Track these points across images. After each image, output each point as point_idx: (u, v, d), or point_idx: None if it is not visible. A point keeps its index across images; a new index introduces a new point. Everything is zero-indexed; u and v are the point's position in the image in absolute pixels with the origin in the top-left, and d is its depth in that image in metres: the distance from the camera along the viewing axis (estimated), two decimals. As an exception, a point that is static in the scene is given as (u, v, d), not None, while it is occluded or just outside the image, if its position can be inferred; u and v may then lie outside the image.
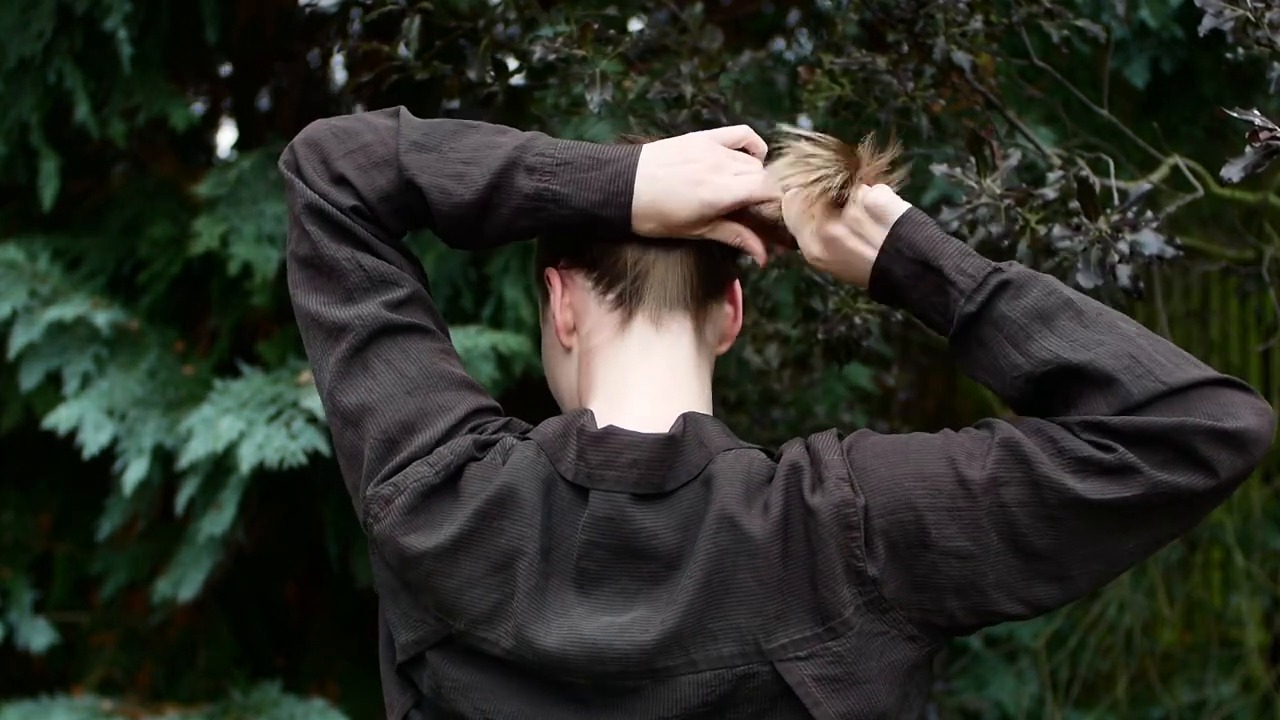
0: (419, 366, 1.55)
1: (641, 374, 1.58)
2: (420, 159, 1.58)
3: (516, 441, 1.53)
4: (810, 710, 1.45)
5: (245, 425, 3.19)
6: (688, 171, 1.58)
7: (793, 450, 1.52)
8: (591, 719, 1.48)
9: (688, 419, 1.53)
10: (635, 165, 1.57)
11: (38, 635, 3.73)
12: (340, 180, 1.57)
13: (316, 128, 1.60)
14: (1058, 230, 1.84)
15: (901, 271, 1.52)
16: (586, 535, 1.49)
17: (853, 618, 1.46)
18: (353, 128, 1.59)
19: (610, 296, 1.60)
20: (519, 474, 1.50)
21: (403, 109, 1.63)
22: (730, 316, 1.67)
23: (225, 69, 4.40)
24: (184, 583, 3.42)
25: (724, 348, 1.68)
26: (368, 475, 1.54)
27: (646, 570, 1.48)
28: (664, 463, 1.50)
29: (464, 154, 1.58)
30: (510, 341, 3.30)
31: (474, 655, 1.50)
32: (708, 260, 1.61)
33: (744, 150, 1.63)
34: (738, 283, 1.68)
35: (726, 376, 3.39)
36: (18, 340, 3.42)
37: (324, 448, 3.19)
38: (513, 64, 2.30)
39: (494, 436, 1.54)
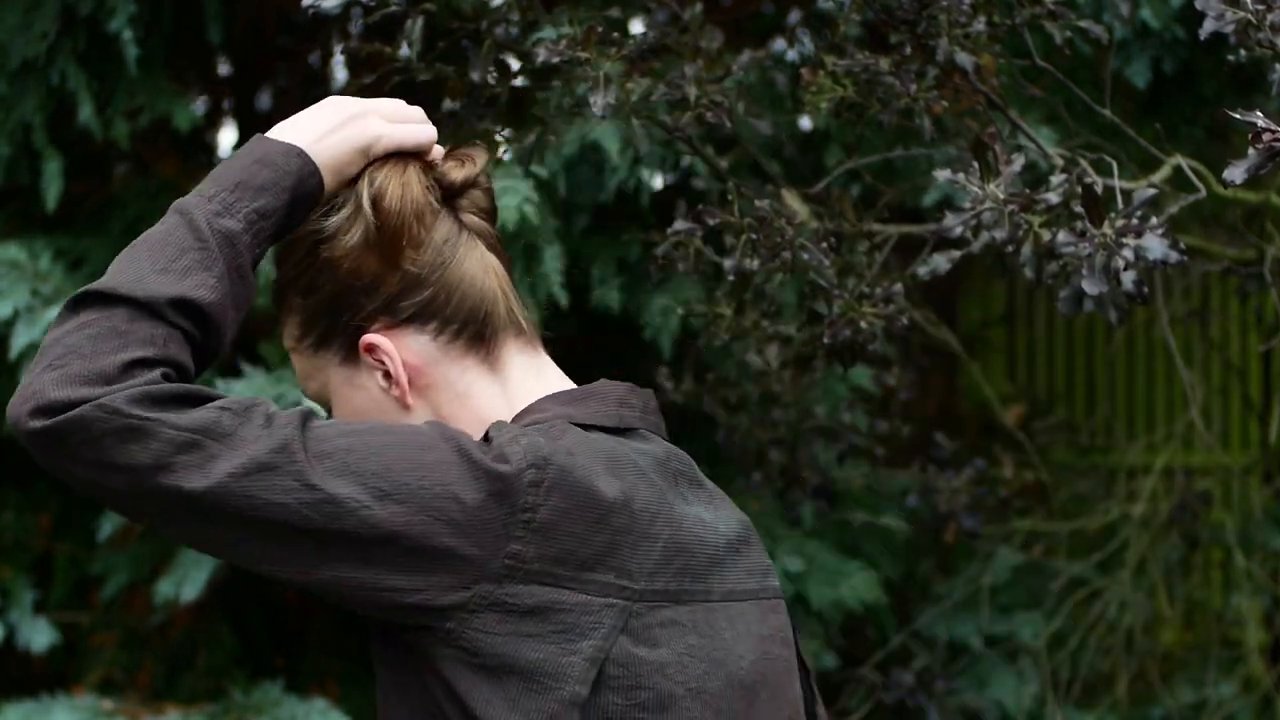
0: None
1: (551, 386, 1.57)
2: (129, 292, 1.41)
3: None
4: None
5: (247, 426, 3.19)
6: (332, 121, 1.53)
7: None
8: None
9: None
10: (282, 138, 1.51)
11: (38, 635, 3.73)
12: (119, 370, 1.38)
13: (41, 379, 1.40)
14: (1062, 235, 1.84)
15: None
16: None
17: None
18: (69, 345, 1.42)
19: (460, 342, 1.54)
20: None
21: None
22: None
23: (226, 69, 4.40)
24: (186, 583, 3.43)
25: None
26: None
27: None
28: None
29: (161, 263, 1.43)
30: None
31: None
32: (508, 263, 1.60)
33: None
34: None
35: (727, 377, 3.39)
36: (19, 340, 3.42)
37: (325, 448, 3.19)
38: (515, 65, 2.30)
39: None
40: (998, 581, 4.13)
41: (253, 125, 4.35)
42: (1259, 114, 1.72)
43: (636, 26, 2.59)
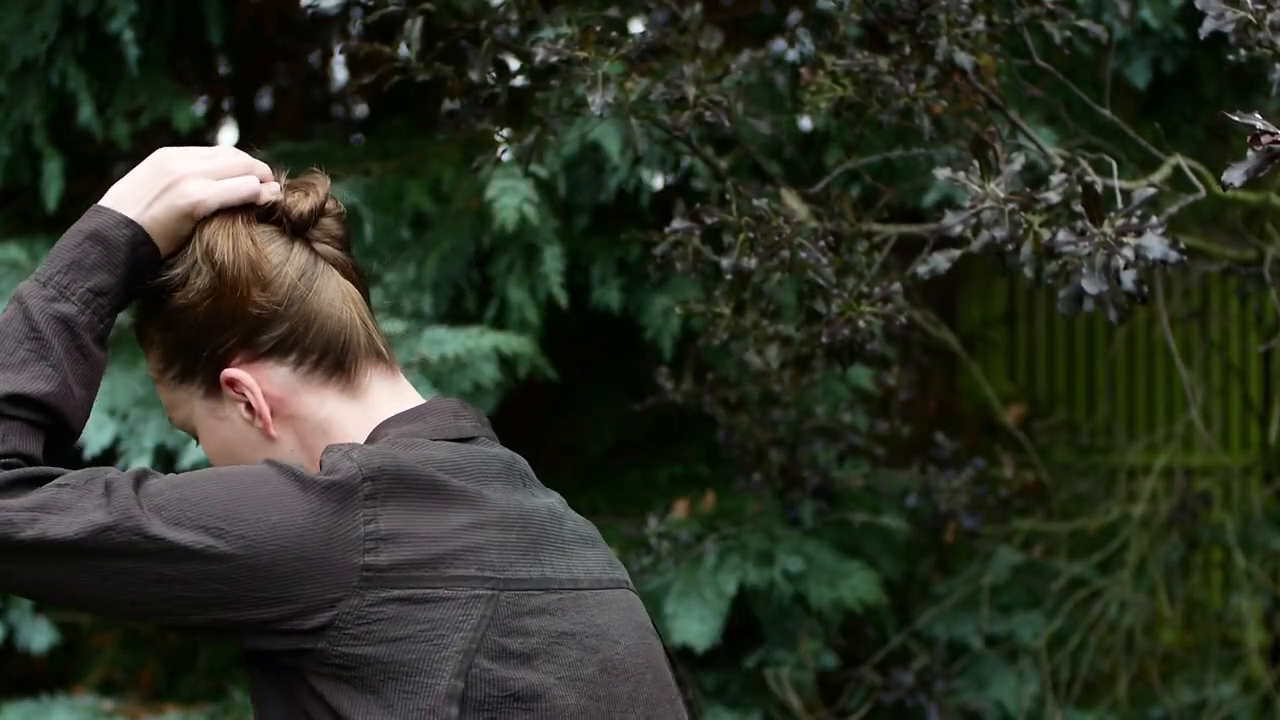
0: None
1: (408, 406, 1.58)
2: None
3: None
4: None
5: (247, 425, 3.19)
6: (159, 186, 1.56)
7: None
8: None
9: None
10: (114, 206, 1.55)
11: (38, 635, 3.73)
12: None
13: None
14: (1062, 235, 1.84)
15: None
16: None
17: None
18: None
19: (319, 372, 1.56)
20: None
21: None
22: None
23: (226, 69, 4.40)
24: (186, 583, 3.42)
25: None
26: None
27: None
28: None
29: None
30: (513, 343, 3.30)
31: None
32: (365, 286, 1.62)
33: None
34: None
35: (726, 377, 3.39)
36: (19, 340, 3.42)
37: (325, 448, 3.19)
38: (514, 65, 2.30)
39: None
40: (998, 581, 4.12)
41: (253, 125, 4.36)
42: (1258, 116, 1.72)
43: (636, 26, 2.59)
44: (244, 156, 1.60)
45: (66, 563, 1.41)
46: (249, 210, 1.57)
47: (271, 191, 1.58)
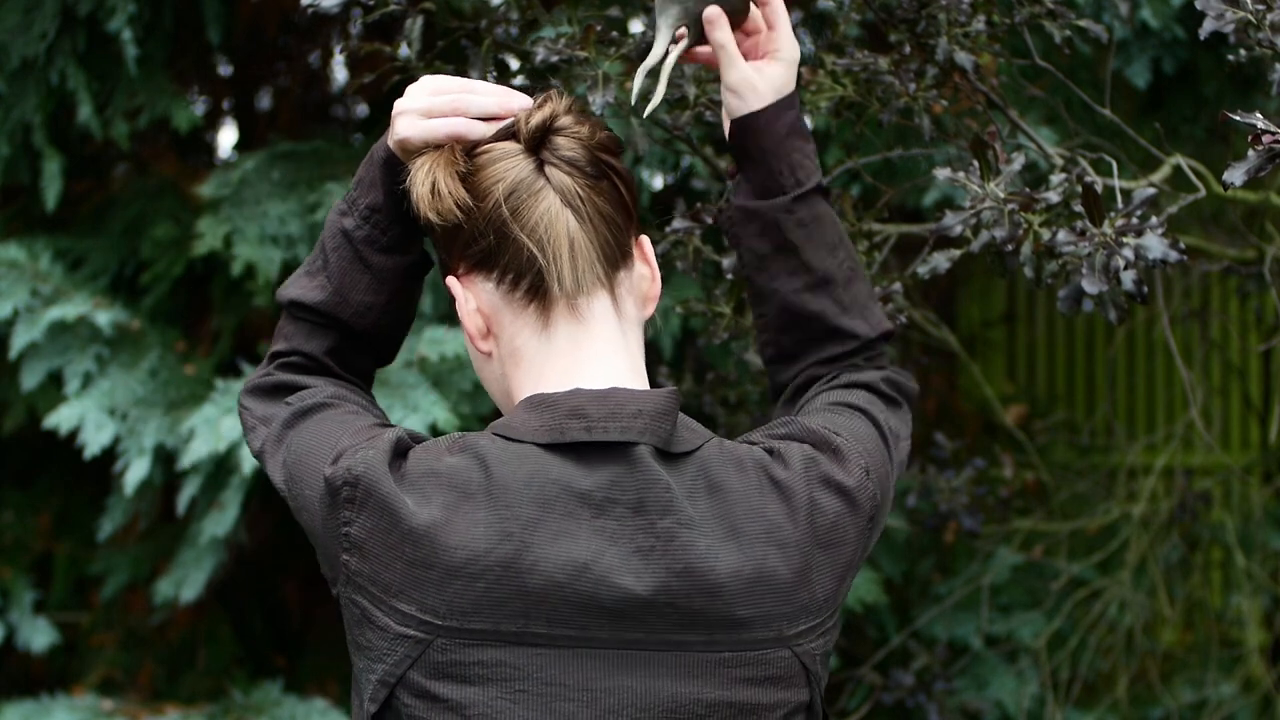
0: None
1: (578, 372, 1.53)
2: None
3: (464, 435, 1.52)
4: (818, 685, 1.50)
5: (247, 425, 3.19)
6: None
7: (783, 444, 1.54)
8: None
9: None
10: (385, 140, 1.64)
11: (38, 635, 3.74)
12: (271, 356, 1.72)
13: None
14: (1062, 235, 1.84)
15: (789, 123, 1.70)
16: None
17: (841, 597, 1.53)
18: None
19: (518, 294, 1.54)
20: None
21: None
22: (648, 278, 1.62)
23: (226, 69, 4.40)
24: (186, 583, 3.43)
25: (648, 311, 1.62)
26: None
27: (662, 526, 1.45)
28: (669, 417, 1.48)
29: (304, 267, 1.71)
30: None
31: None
32: (606, 226, 1.56)
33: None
34: (646, 240, 1.65)
35: (726, 377, 3.39)
36: (19, 340, 3.42)
37: (325, 448, 3.19)
38: (515, 65, 2.30)
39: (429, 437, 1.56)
40: (998, 581, 4.13)
41: (253, 125, 4.35)
42: (1259, 115, 1.72)
43: (636, 26, 2.59)
44: (468, 95, 1.60)
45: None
46: (451, 147, 1.58)
47: (480, 131, 1.58)
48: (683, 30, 1.71)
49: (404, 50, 2.27)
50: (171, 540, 3.65)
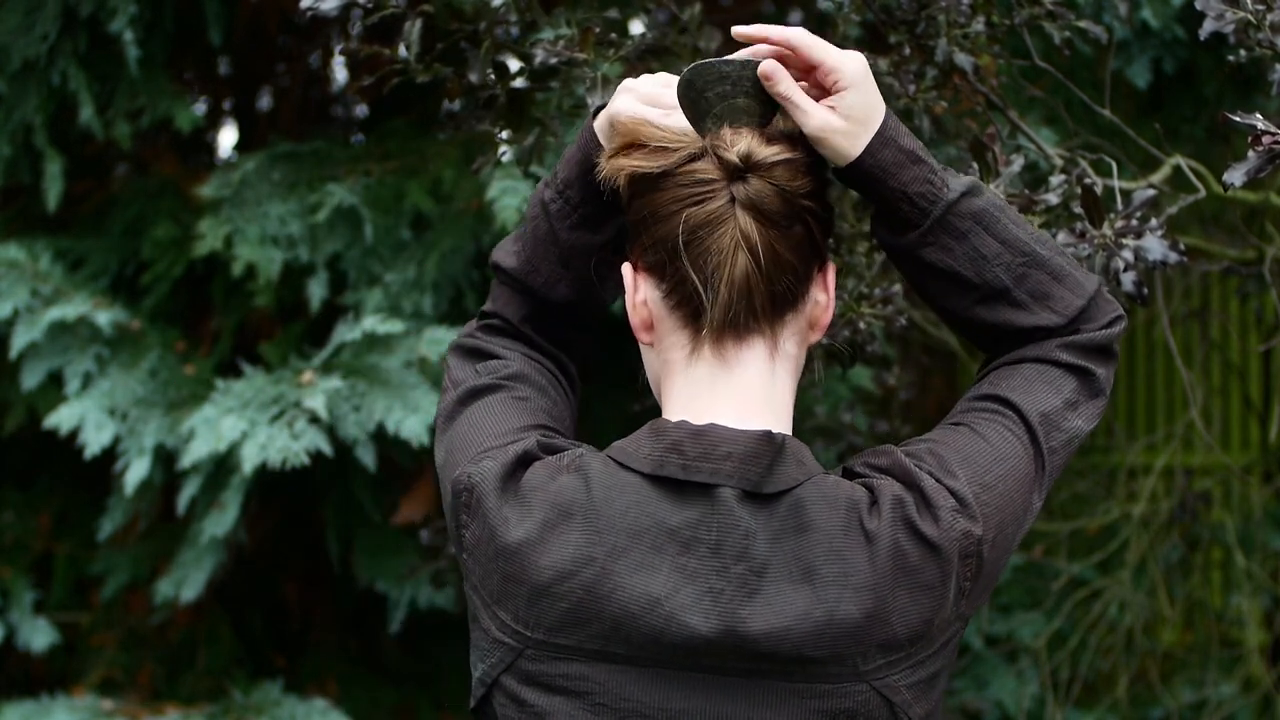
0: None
1: (714, 408, 1.53)
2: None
3: (586, 453, 1.53)
4: (904, 712, 1.50)
5: (247, 425, 3.19)
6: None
7: (880, 479, 1.51)
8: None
9: (786, 436, 1.51)
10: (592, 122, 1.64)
11: (38, 635, 3.74)
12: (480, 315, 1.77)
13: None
14: (1062, 236, 1.84)
15: (890, 157, 1.56)
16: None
17: (941, 629, 1.51)
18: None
19: (679, 314, 1.54)
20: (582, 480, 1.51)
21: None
22: (822, 305, 1.59)
23: (226, 69, 4.40)
24: (186, 583, 3.43)
25: (814, 337, 1.60)
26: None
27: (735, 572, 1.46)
28: (760, 459, 1.47)
29: (513, 232, 1.74)
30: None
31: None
32: (782, 273, 1.52)
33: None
34: (831, 266, 1.59)
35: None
36: (19, 340, 3.42)
37: (326, 448, 3.19)
38: (514, 66, 2.30)
39: (563, 444, 1.56)
40: (998, 581, 4.12)
41: (253, 126, 4.35)
42: (1259, 116, 1.72)
43: (636, 27, 2.59)
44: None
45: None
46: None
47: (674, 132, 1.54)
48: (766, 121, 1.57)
49: (403, 52, 2.26)
50: (171, 540, 3.65)
